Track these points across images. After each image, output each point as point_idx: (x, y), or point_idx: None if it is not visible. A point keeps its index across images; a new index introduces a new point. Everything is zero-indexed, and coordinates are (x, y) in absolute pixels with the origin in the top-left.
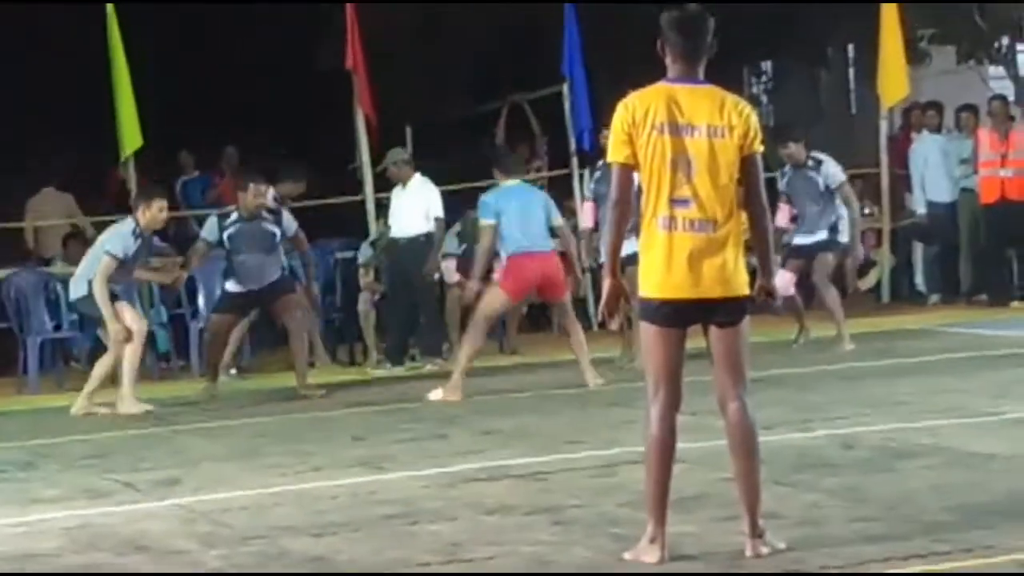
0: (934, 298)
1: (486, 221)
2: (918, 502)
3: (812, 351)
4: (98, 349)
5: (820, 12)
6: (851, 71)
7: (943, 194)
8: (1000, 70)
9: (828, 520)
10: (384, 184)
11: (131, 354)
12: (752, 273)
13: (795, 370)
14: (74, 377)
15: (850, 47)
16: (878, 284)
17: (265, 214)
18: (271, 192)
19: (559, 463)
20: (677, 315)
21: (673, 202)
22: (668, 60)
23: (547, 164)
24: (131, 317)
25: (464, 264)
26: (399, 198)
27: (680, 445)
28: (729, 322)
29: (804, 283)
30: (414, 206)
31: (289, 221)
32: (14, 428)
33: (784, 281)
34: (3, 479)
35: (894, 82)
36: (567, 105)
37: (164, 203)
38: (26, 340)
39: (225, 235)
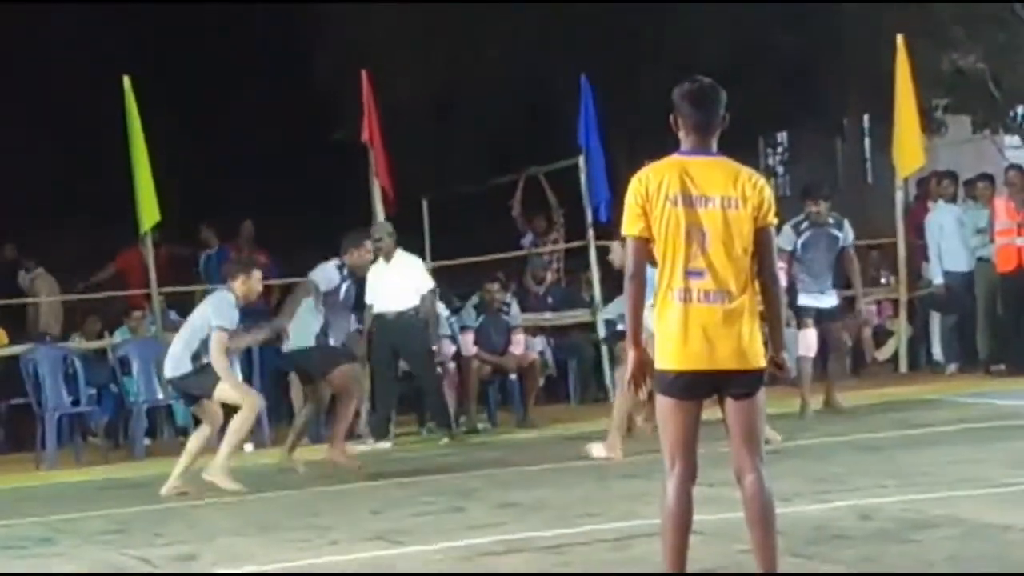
0: (952, 368)
1: None
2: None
3: (827, 422)
4: (115, 422)
5: (835, 83)
6: (867, 141)
7: (960, 263)
8: (1016, 139)
9: None
10: None
11: (241, 424)
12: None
13: (812, 440)
14: (91, 452)
15: (865, 117)
16: (895, 354)
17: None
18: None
19: (577, 536)
20: (693, 387)
21: (688, 274)
22: (681, 133)
23: (563, 236)
24: (246, 389)
25: (480, 336)
26: (383, 273)
27: (697, 517)
28: (745, 394)
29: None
30: (402, 281)
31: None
32: (32, 503)
33: (810, 341)
34: (21, 555)
35: (910, 152)
36: (583, 177)
37: (261, 273)
38: (44, 415)
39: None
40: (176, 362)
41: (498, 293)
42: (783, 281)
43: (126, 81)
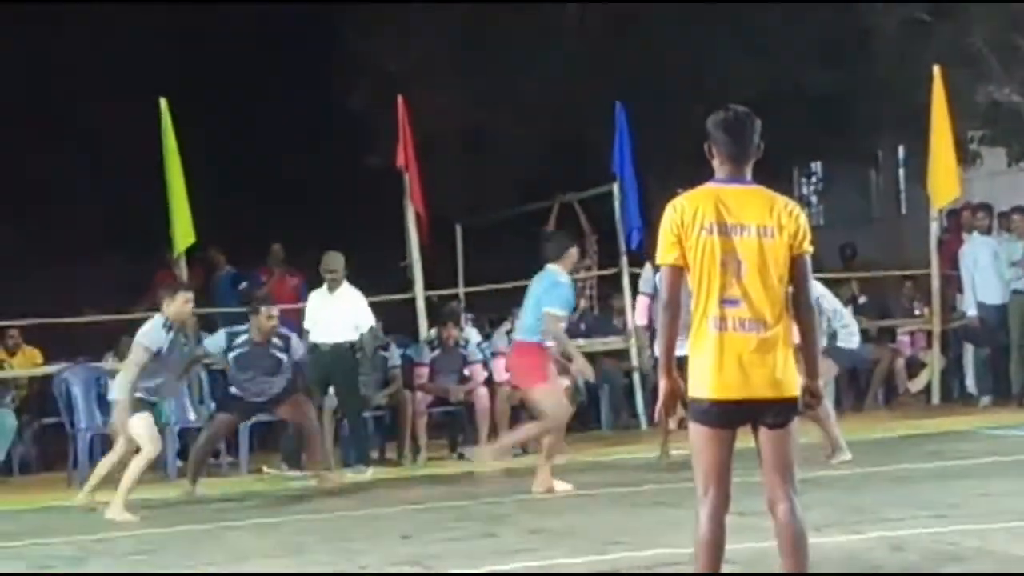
0: (985, 400)
1: None
2: None
3: (860, 453)
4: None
5: (869, 113)
6: (901, 172)
7: (994, 296)
8: None
9: None
10: (434, 282)
11: (135, 466)
12: None
13: (844, 471)
14: (122, 472)
15: (900, 148)
16: (928, 386)
17: (275, 339)
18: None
19: (607, 564)
20: (727, 416)
21: (723, 302)
22: (716, 162)
23: (597, 263)
24: (148, 435)
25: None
26: (326, 304)
27: (729, 546)
28: (779, 423)
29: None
30: (343, 314)
31: (297, 345)
32: (63, 523)
33: (829, 373)
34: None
35: (945, 183)
36: (617, 204)
37: (190, 295)
38: (76, 435)
39: (231, 356)
40: (116, 387)
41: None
42: None
43: (163, 103)
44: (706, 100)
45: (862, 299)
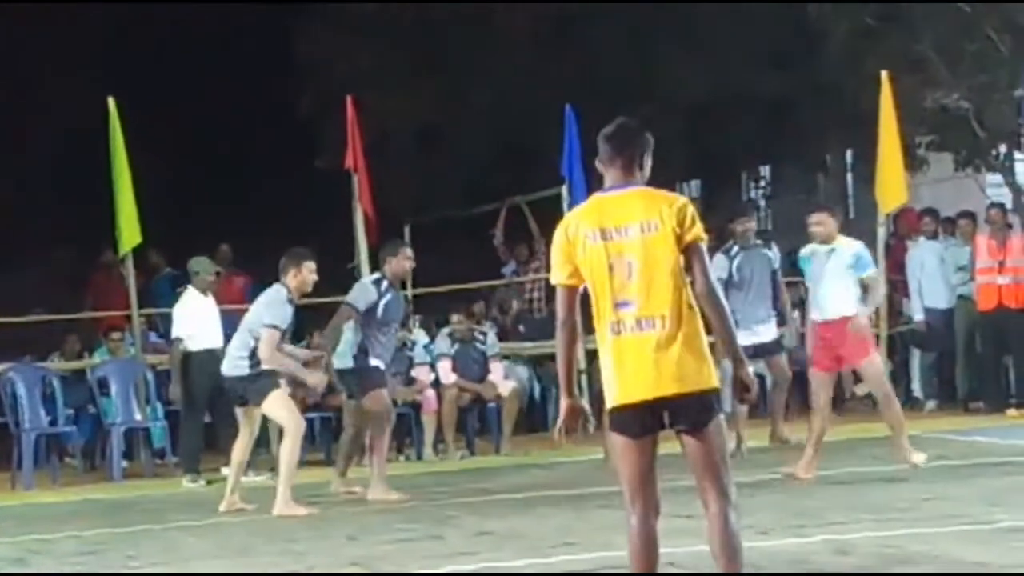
0: (930, 404)
1: None
2: None
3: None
4: (92, 444)
5: (818, 119)
6: (849, 177)
7: (940, 301)
8: (997, 178)
9: None
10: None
11: (289, 452)
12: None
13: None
14: (67, 473)
15: (848, 153)
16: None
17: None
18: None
19: (552, 566)
20: (639, 420)
21: (617, 306)
22: (604, 171)
23: (545, 265)
24: (291, 409)
25: (459, 365)
26: (202, 308)
27: (673, 548)
28: (694, 424)
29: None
30: (217, 318)
31: None
32: (6, 523)
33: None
34: None
35: (892, 188)
36: (566, 207)
37: (314, 265)
38: (21, 435)
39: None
40: (232, 361)
41: (462, 324)
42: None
43: (111, 102)
44: (655, 104)
45: None
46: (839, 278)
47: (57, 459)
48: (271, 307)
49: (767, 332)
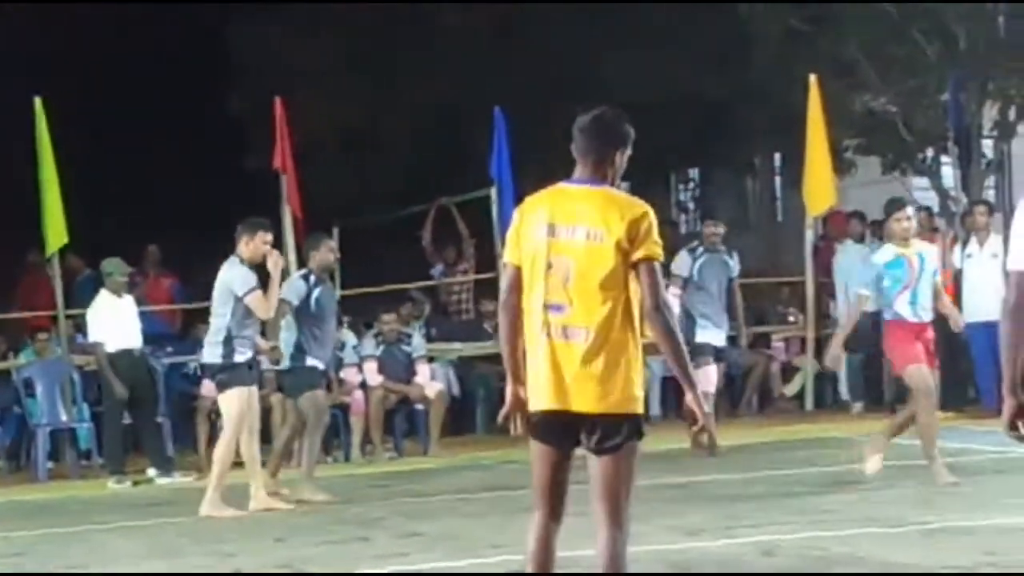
0: (857, 406)
1: None
2: None
3: (735, 458)
4: (18, 444)
5: (747, 120)
6: (777, 179)
7: (869, 304)
8: (924, 181)
9: None
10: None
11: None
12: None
13: (721, 476)
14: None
15: (777, 156)
16: (801, 391)
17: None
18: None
19: (481, 567)
20: (550, 429)
21: (548, 307)
22: (577, 161)
23: (474, 267)
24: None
25: (385, 366)
26: (116, 309)
27: (583, 552)
28: (607, 447)
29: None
30: (135, 319)
31: None
32: None
33: (710, 378)
34: None
35: (821, 191)
36: (495, 208)
37: (270, 236)
38: None
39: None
40: (208, 348)
41: (392, 324)
42: (675, 309)
43: (38, 102)
44: (586, 104)
45: None
46: (929, 280)
47: None
48: (235, 279)
49: (721, 335)
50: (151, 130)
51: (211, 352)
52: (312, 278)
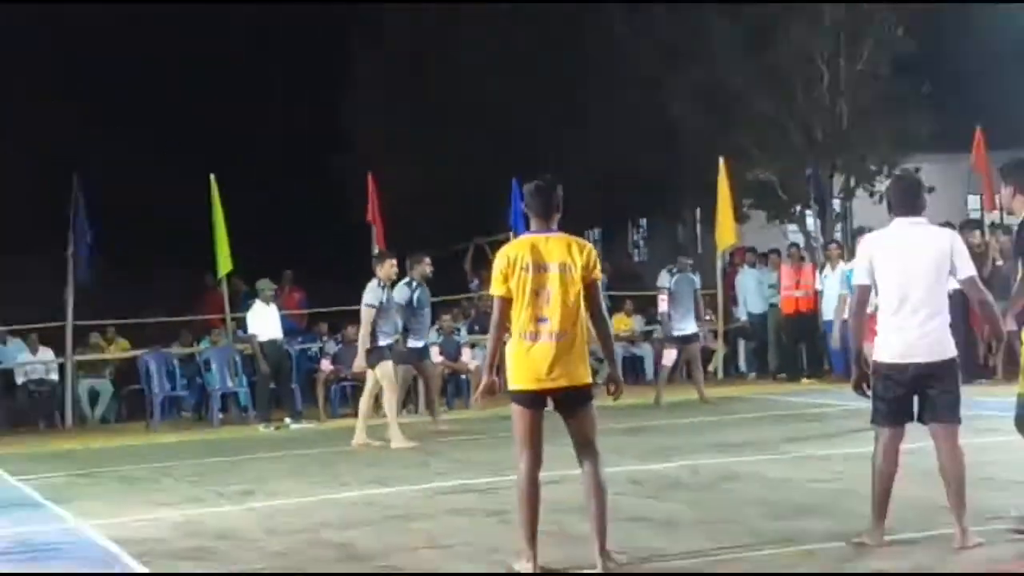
0: (751, 376)
1: None
2: (741, 510)
3: (672, 409)
4: (200, 403)
5: (679, 186)
6: (699, 226)
7: (757, 308)
8: (795, 227)
9: (681, 522)
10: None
11: (389, 405)
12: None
13: (663, 422)
14: (183, 422)
15: (698, 210)
16: (720, 365)
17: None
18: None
19: (502, 483)
20: (535, 400)
21: (537, 320)
22: (531, 217)
23: None
24: (389, 378)
25: (443, 349)
26: (265, 313)
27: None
28: (576, 409)
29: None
30: (277, 319)
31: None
32: (142, 456)
33: (671, 357)
34: (134, 488)
35: (726, 234)
36: None
37: (395, 261)
38: (152, 398)
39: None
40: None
41: (448, 322)
42: (663, 308)
43: (212, 178)
44: (572, 177)
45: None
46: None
47: (176, 413)
48: (367, 292)
49: (690, 327)
50: (287, 191)
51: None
52: (413, 283)
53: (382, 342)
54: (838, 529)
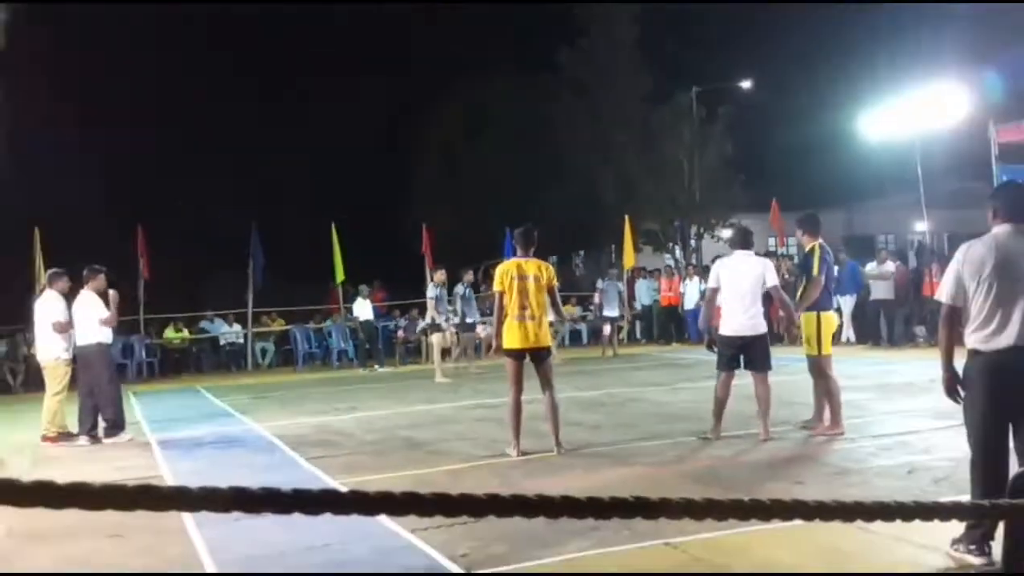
0: (643, 341)
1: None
2: (641, 419)
3: (603, 363)
4: (326, 356)
5: (601, 232)
6: (613, 254)
7: (647, 301)
8: (668, 256)
9: (602, 425)
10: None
11: (436, 356)
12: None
13: (594, 367)
14: (317, 368)
15: (613, 245)
16: (627, 335)
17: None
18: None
19: (501, 403)
20: (519, 355)
21: (522, 308)
22: (518, 248)
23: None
24: (439, 341)
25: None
26: (363, 304)
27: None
28: (541, 359)
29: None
30: (370, 308)
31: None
32: (292, 387)
33: (608, 331)
34: (286, 406)
35: (629, 259)
36: None
37: (444, 271)
38: (298, 354)
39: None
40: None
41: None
42: (597, 300)
43: (333, 226)
44: (550, 226)
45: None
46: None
47: (312, 363)
48: (428, 290)
49: (615, 312)
50: (379, 235)
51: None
52: (465, 286)
53: (439, 320)
54: (694, 428)
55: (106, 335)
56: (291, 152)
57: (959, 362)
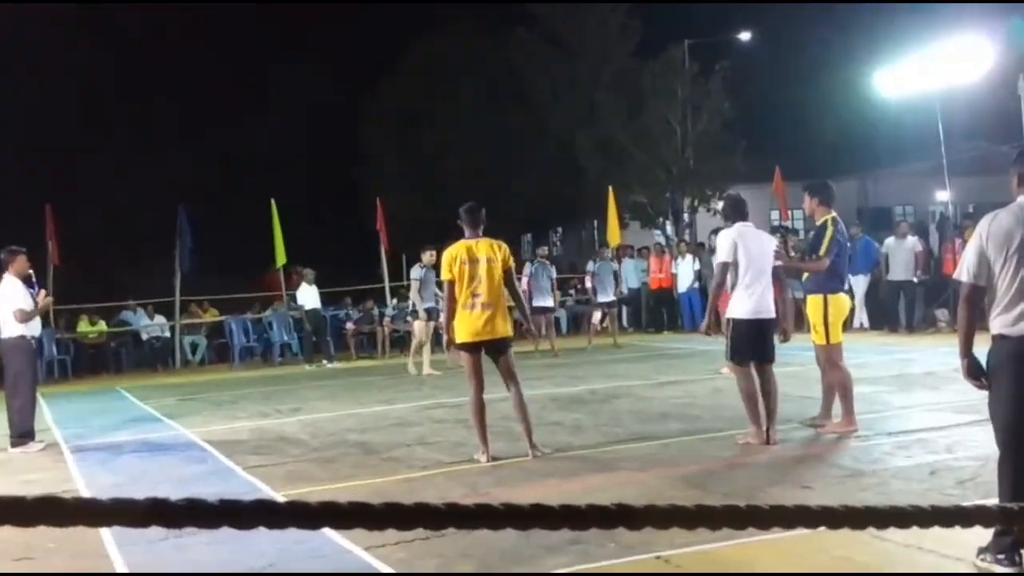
0: (631, 330)
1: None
2: (622, 417)
3: (588, 352)
4: (267, 350)
5: (583, 206)
6: (596, 232)
7: (635, 284)
8: (659, 232)
9: (583, 426)
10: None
11: (423, 347)
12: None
13: (575, 359)
14: (254, 364)
15: (596, 221)
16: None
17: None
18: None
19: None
20: (475, 348)
21: (473, 295)
22: (466, 228)
23: None
24: (421, 331)
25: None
26: (307, 290)
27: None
28: (501, 353)
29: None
30: (316, 294)
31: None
32: (227, 386)
33: (598, 317)
34: (220, 408)
35: (615, 236)
36: None
37: (434, 252)
38: (233, 347)
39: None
40: (411, 301)
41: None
42: (588, 284)
43: (272, 201)
44: (510, 200)
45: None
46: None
47: (250, 358)
48: (413, 271)
49: (610, 296)
50: (326, 212)
51: (412, 303)
52: (423, 267)
53: (419, 307)
54: (686, 428)
55: (32, 327)
56: (228, 126)
57: (981, 349)
